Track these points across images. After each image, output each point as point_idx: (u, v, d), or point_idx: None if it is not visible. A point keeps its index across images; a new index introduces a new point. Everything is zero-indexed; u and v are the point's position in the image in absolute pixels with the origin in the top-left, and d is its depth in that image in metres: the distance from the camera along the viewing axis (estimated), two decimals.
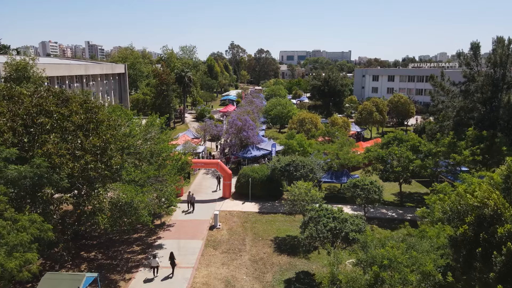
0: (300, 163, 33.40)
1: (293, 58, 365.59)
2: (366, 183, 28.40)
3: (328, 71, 78.24)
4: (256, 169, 36.35)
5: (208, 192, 37.99)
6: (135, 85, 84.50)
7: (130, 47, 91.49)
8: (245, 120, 44.96)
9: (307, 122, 49.90)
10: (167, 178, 25.82)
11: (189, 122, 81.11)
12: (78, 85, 60.67)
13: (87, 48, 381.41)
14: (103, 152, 22.23)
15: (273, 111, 65.98)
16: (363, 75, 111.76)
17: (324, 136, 45.22)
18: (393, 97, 69.94)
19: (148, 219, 23.16)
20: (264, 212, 32.87)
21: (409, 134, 33.31)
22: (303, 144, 40.57)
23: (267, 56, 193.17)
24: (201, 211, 32.85)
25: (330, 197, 32.80)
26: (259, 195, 35.53)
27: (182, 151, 45.09)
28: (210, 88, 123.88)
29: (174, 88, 75.64)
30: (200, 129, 52.33)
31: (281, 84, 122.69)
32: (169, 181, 26.01)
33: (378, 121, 61.97)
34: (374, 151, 32.69)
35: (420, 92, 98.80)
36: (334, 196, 36.10)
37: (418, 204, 34.66)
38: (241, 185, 36.23)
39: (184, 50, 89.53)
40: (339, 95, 73.34)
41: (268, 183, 35.09)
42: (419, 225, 21.23)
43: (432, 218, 20.67)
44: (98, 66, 68.79)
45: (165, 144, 28.20)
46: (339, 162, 35.52)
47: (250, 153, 44.73)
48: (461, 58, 32.49)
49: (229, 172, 36.12)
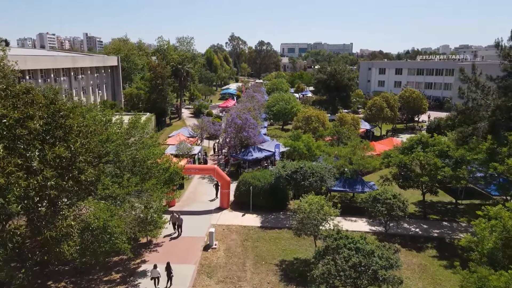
0: (308, 170, 29.02)
1: (294, 51, 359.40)
2: (389, 196, 24.02)
3: (334, 64, 73.44)
4: (258, 175, 31.96)
5: (204, 201, 33.65)
6: (130, 79, 79.78)
7: (124, 38, 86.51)
8: (246, 119, 40.47)
9: (313, 120, 45.40)
10: (151, 194, 21.40)
11: (186, 118, 76.61)
12: (65, 78, 56.11)
13: (85, 40, 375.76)
14: (70, 165, 17.84)
15: (276, 106, 61.43)
16: (369, 68, 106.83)
17: (333, 136, 40.76)
18: (404, 91, 65.29)
19: (127, 247, 18.87)
20: (268, 226, 28.53)
21: (436, 138, 28.79)
22: (311, 146, 36.19)
23: (268, 48, 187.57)
24: (195, 225, 28.53)
25: (342, 207, 28.39)
26: (262, 205, 31.20)
27: (176, 152, 41.01)
28: (209, 81, 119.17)
29: (170, 82, 71.03)
30: (196, 127, 47.83)
31: (283, 77, 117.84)
32: (155, 197, 21.62)
33: (389, 117, 57.45)
34: (395, 157, 28.21)
35: (429, 86, 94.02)
36: (346, 207, 31.74)
37: (443, 217, 30.40)
38: (241, 194, 31.88)
39: (181, 42, 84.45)
40: (346, 90, 68.68)
41: (272, 192, 30.76)
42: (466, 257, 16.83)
43: (482, 250, 16.33)
44: (88, 58, 64.14)
45: (150, 150, 23.78)
46: (353, 168, 31.10)
47: (251, 154, 40.31)
48: (499, 49, 27.84)
49: (227, 179, 31.74)
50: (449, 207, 32.46)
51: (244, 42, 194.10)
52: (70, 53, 72.51)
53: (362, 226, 28.50)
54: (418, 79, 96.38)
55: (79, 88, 59.94)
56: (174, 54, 75.70)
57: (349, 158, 32.11)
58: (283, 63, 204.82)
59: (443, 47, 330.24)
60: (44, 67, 50.93)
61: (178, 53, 76.16)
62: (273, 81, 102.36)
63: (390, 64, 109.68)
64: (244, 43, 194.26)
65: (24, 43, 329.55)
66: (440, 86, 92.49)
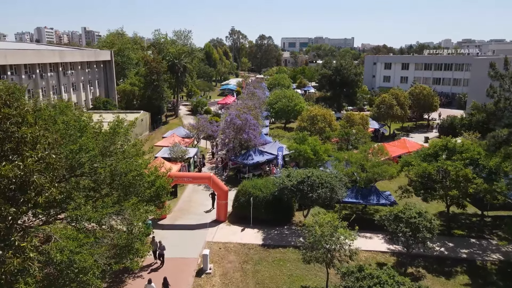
0: (317, 180, 25.40)
1: (295, 45, 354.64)
2: (413, 214, 20.41)
3: (340, 58, 69.52)
4: (259, 184, 28.33)
5: (198, 212, 30.08)
6: (124, 74, 75.97)
7: (120, 31, 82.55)
8: (246, 119, 36.80)
9: (319, 119, 41.71)
10: (131, 215, 17.75)
11: (183, 115, 72.93)
12: (52, 74, 52.37)
13: (83, 34, 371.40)
14: (24, 186, 14.28)
15: (278, 104, 57.70)
16: (374, 63, 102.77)
17: (342, 138, 37.12)
18: (413, 88, 61.50)
19: (98, 284, 15.31)
20: (270, 245, 24.95)
21: (464, 142, 25.08)
22: (318, 150, 32.58)
23: (269, 42, 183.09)
24: (188, 242, 25.01)
25: (353, 220, 24.70)
26: (263, 218, 27.64)
27: (169, 155, 37.37)
28: (208, 76, 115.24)
29: (166, 78, 67.24)
30: (193, 127, 44.17)
31: (284, 72, 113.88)
32: (137, 219, 17.96)
33: (398, 116, 53.76)
34: (417, 165, 24.53)
35: (437, 82, 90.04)
36: (359, 219, 28.21)
37: (470, 232, 26.81)
38: (240, 205, 28.29)
39: (178, 35, 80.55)
40: (352, 86, 64.83)
41: (275, 204, 27.17)
42: None
43: None
44: (77, 52, 60.34)
45: (133, 160, 20.15)
46: (366, 176, 27.48)
47: (252, 158, 36.71)
48: None
49: (224, 189, 28.15)
50: (475, 220, 28.88)
51: (245, 36, 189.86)
52: (58, 47, 68.46)
53: (378, 244, 24.95)
54: (426, 74, 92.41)
55: (68, 84, 56.21)
56: (171, 48, 71.83)
57: (362, 164, 28.50)
58: (284, 57, 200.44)
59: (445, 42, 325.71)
60: (28, 62, 47.18)
61: (175, 47, 72.26)
62: (274, 76, 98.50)
63: (396, 58, 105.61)
64: (245, 37, 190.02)
65: (22, 37, 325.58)
66: (449, 81, 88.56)
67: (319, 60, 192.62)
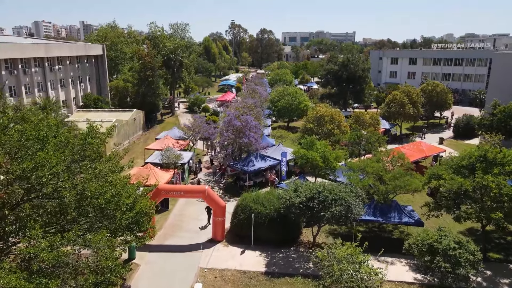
0: (330, 196, 21.58)
1: (295, 40, 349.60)
2: (451, 244, 16.61)
3: (347, 53, 65.43)
4: (261, 198, 24.50)
5: (192, 229, 26.29)
6: (118, 70, 71.88)
7: (112, 24, 78.24)
8: (246, 121, 32.91)
9: (327, 120, 37.79)
10: (101, 257, 13.86)
11: (181, 113, 69.02)
12: (37, 70, 48.39)
13: (82, 28, 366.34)
14: None
15: (280, 102, 53.74)
16: (380, 58, 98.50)
17: (353, 142, 33.23)
18: (425, 85, 57.45)
19: None
20: (275, 273, 21.15)
21: (504, 153, 21.15)
22: (328, 157, 28.72)
23: (270, 36, 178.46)
24: (177, 271, 21.21)
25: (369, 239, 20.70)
26: (266, 238, 23.87)
27: (161, 161, 33.54)
28: (207, 72, 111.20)
29: (162, 74, 63.21)
30: (188, 129, 40.28)
31: (286, 67, 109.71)
32: (108, 259, 14.09)
33: (411, 115, 49.83)
34: (450, 180, 20.62)
35: (446, 77, 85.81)
36: (375, 237, 24.49)
37: (507, 256, 22.98)
38: (239, 223, 24.47)
39: (175, 28, 76.19)
40: (360, 82, 60.71)
41: (280, 222, 23.39)
42: None
43: None
44: (66, 46, 56.28)
45: (107, 178, 16.30)
46: (386, 190, 23.65)
47: (253, 164, 32.87)
48: None
49: (221, 204, 24.31)
50: (510, 240, 25.07)
51: (245, 30, 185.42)
52: (44, 40, 64.20)
53: (403, 272, 21.12)
54: (435, 70, 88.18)
55: (55, 81, 52.20)
56: (167, 41, 67.60)
57: (380, 175, 24.66)
58: (285, 52, 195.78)
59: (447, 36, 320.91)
60: (8, 57, 43.19)
61: (172, 41, 68.06)
62: (275, 71, 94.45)
63: (404, 53, 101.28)
64: (245, 31, 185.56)
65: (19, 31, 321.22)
66: (459, 77, 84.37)
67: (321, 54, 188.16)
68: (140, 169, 30.71)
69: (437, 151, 38.33)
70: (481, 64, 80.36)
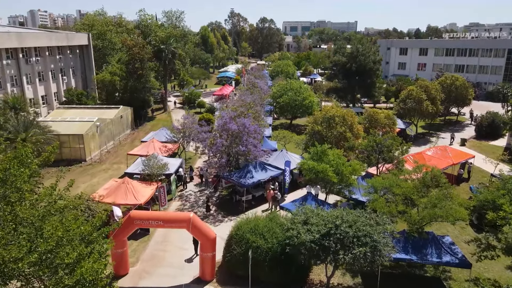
0: (350, 232, 16.42)
1: (296, 29, 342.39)
2: None
3: (357, 43, 59.67)
4: (260, 227, 19.29)
5: (175, 263, 21.20)
6: (106, 61, 66.22)
7: (100, 11, 72.38)
8: (243, 125, 27.61)
9: (337, 122, 32.47)
10: None
11: (174, 109, 63.61)
12: (9, 62, 42.96)
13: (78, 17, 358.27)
14: None
15: (283, 97, 48.32)
16: (388, 48, 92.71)
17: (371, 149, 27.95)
18: (444, 78, 51.93)
19: None
20: None
21: None
22: (342, 170, 23.53)
23: (270, 26, 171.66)
24: None
25: (396, 278, 15.39)
26: (267, 279, 18.81)
27: (143, 171, 28.36)
28: (204, 63, 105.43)
29: (152, 66, 57.67)
30: (177, 131, 35.01)
31: (287, 58, 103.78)
32: None
33: (429, 113, 44.46)
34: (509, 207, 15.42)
35: (460, 69, 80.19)
36: (403, 275, 19.39)
37: None
38: (234, 259, 19.32)
39: (169, 16, 70.42)
40: (371, 75, 55.16)
41: (285, 259, 18.29)
42: None
43: None
44: (44, 35, 50.64)
45: (32, 233, 11.11)
46: (421, 221, 18.47)
47: (251, 176, 27.67)
48: None
49: (210, 236, 19.12)
50: None
51: (245, 19, 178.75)
52: (18, 29, 58.23)
53: None
54: (447, 61, 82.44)
55: (32, 74, 46.78)
56: (159, 31, 61.90)
57: (412, 199, 19.47)
58: (286, 42, 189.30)
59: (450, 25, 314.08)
60: None
61: (164, 30, 62.36)
62: (277, 62, 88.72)
63: (414, 43, 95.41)
64: (245, 20, 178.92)
65: (15, 20, 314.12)
66: (474, 69, 78.68)
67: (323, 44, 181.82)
68: (116, 184, 25.58)
69: (465, 157, 33.06)
70: (499, 55, 74.66)
